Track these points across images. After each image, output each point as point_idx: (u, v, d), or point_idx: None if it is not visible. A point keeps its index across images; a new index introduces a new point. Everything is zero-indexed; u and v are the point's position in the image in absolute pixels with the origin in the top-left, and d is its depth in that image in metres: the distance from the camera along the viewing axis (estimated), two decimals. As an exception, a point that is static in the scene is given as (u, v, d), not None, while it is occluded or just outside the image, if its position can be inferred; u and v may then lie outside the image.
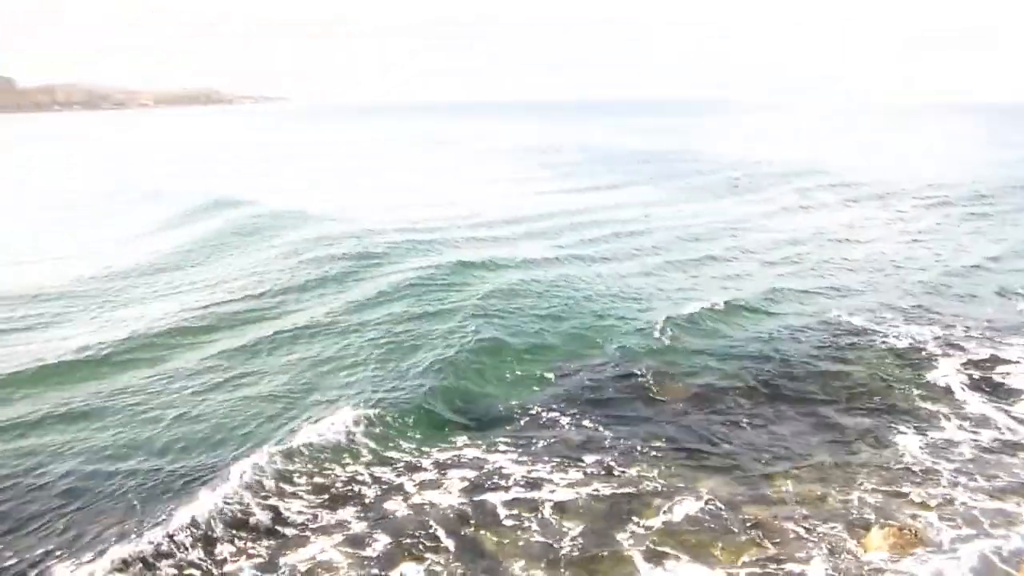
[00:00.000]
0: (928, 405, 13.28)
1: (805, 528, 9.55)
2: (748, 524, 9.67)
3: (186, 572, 9.21)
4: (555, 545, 9.52)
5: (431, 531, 9.92)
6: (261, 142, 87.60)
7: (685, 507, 10.13)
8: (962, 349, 15.80)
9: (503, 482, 11.05)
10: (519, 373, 14.92)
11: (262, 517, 10.36)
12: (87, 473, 11.65)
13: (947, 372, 14.54)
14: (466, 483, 11.03)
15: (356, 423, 12.72)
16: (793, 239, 27.66)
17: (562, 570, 9.05)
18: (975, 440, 12.13)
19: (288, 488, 11.01)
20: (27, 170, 57.14)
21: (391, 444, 12.35)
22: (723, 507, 10.09)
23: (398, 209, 34.17)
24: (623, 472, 11.19)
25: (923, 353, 15.58)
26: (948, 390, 13.84)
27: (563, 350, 15.99)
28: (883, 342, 16.27)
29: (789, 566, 8.83)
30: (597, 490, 10.72)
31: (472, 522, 10.11)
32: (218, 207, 34.31)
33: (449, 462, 11.69)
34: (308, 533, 9.96)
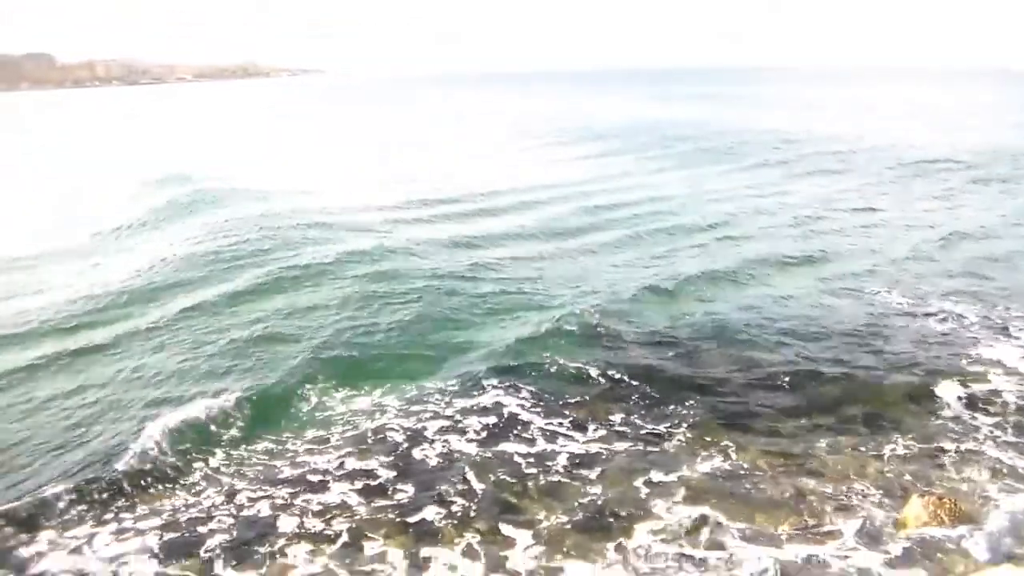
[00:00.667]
0: (968, 372, 12.64)
1: (843, 497, 9.18)
2: (784, 492, 9.30)
3: (212, 521, 9.02)
4: (581, 497, 9.30)
5: (456, 476, 9.76)
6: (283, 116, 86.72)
7: (716, 473, 9.77)
8: (1005, 319, 15.03)
9: (525, 433, 10.81)
10: (538, 326, 14.59)
11: (275, 463, 10.23)
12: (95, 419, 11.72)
13: (987, 340, 13.92)
14: (487, 433, 10.82)
15: (369, 371, 12.76)
16: (825, 207, 26.51)
17: (589, 523, 8.82)
18: (1018, 400, 11.61)
19: (287, 432, 10.98)
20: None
21: (408, 390, 12.22)
22: (757, 473, 9.73)
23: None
24: (649, 431, 10.86)
25: (962, 321, 14.91)
26: (989, 359, 13.15)
27: (582, 311, 15.39)
28: (924, 311, 15.58)
29: (826, 533, 8.52)
30: (622, 447, 10.42)
31: (495, 471, 9.89)
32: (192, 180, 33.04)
33: (472, 408, 11.50)
34: (326, 478, 9.79)
